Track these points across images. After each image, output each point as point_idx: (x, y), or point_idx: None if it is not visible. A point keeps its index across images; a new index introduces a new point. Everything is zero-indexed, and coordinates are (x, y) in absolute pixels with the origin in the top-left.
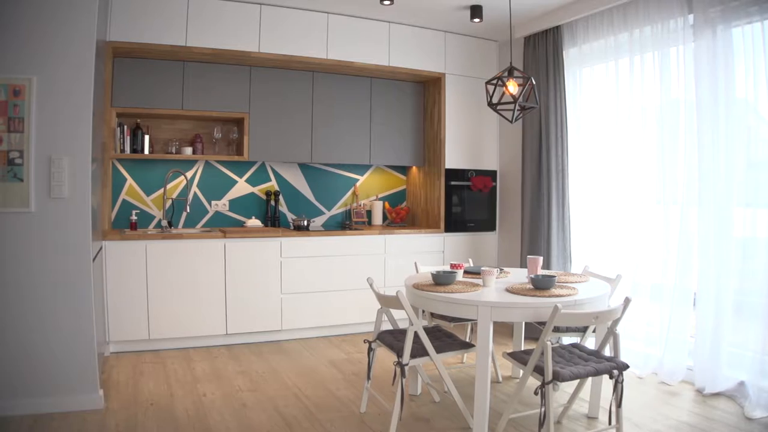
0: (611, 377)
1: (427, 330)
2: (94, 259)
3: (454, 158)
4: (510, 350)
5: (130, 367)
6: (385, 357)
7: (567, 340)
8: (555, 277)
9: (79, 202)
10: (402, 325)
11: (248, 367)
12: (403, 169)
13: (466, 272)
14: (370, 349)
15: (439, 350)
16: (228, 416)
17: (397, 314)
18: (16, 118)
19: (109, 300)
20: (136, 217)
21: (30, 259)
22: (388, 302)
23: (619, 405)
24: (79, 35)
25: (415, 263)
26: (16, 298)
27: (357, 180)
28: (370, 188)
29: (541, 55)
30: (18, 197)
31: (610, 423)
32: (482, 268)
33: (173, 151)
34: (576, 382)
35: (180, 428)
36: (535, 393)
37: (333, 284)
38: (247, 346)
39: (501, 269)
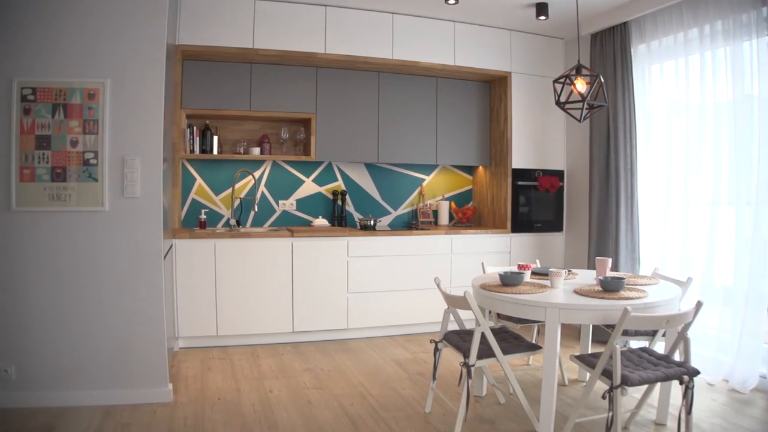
0: (681, 383)
1: (494, 331)
2: (164, 257)
3: (520, 158)
4: (577, 353)
5: (199, 362)
6: (450, 357)
7: (635, 344)
8: (624, 279)
9: (151, 202)
10: (468, 326)
11: (314, 364)
12: (470, 169)
13: (533, 273)
14: (436, 350)
15: (505, 352)
16: (294, 413)
17: (464, 315)
18: (90, 120)
19: (179, 297)
20: (205, 216)
21: (104, 257)
22: (455, 302)
23: (689, 412)
24: (150, 39)
25: (482, 263)
26: (90, 294)
27: (423, 180)
28: (436, 188)
29: (608, 53)
30: (93, 196)
31: (678, 430)
32: (550, 269)
33: (241, 151)
34: (644, 387)
35: (246, 423)
36: (603, 397)
37: (399, 284)
38: (313, 344)
39: (569, 270)
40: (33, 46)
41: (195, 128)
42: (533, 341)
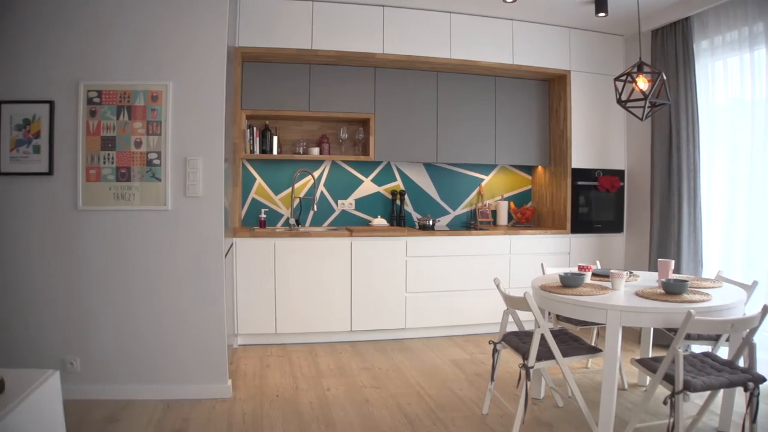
0: (746, 390)
1: (553, 333)
2: (225, 256)
3: (580, 157)
4: (637, 357)
5: (257, 359)
6: (508, 358)
7: (697, 348)
8: (687, 281)
9: (213, 201)
10: (527, 327)
11: (372, 363)
12: (529, 169)
13: (594, 275)
14: (494, 351)
15: (565, 354)
16: (351, 411)
17: (523, 316)
18: (154, 121)
19: (239, 295)
20: (265, 216)
21: (166, 255)
22: (514, 303)
23: (753, 420)
24: (211, 42)
25: (542, 264)
26: (153, 291)
27: (482, 180)
28: (495, 188)
29: (669, 49)
30: (156, 196)
31: None
32: (611, 271)
33: (300, 151)
34: (707, 393)
35: (304, 421)
36: (664, 403)
37: (457, 284)
38: (371, 343)
39: (630, 272)
40: (98, 50)
41: (255, 129)
42: (592, 344)
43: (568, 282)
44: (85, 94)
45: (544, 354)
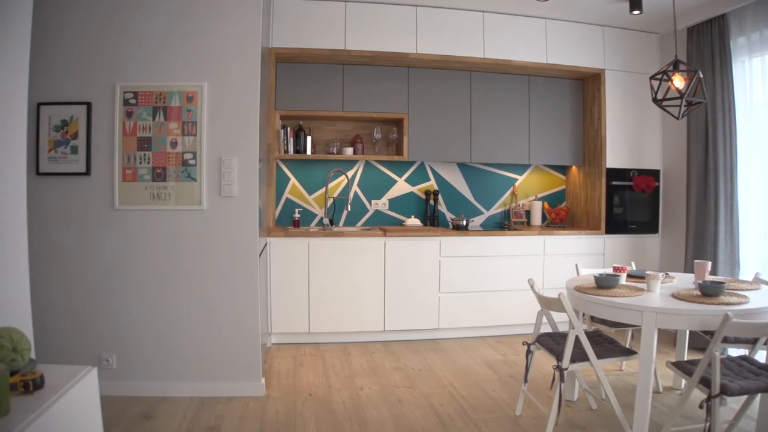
0: None
1: (588, 334)
2: (260, 255)
3: (615, 157)
4: (672, 359)
5: (291, 358)
6: (542, 360)
7: (734, 352)
8: (724, 283)
9: (247, 201)
10: (561, 329)
11: (405, 363)
12: (563, 169)
13: (629, 276)
14: (528, 352)
15: (599, 356)
16: (384, 411)
17: (557, 317)
18: (189, 122)
19: (273, 294)
20: (298, 215)
21: (201, 254)
22: (549, 304)
23: None
24: (245, 43)
25: (576, 265)
26: (188, 289)
27: (516, 180)
28: (529, 188)
29: (705, 46)
30: (191, 196)
31: None
32: (647, 272)
33: (334, 151)
34: (744, 397)
35: (337, 420)
36: (700, 407)
37: (491, 284)
38: (404, 343)
39: (666, 274)
40: (134, 52)
41: (289, 129)
42: (627, 346)
43: (603, 283)
44: (122, 95)
45: (578, 356)
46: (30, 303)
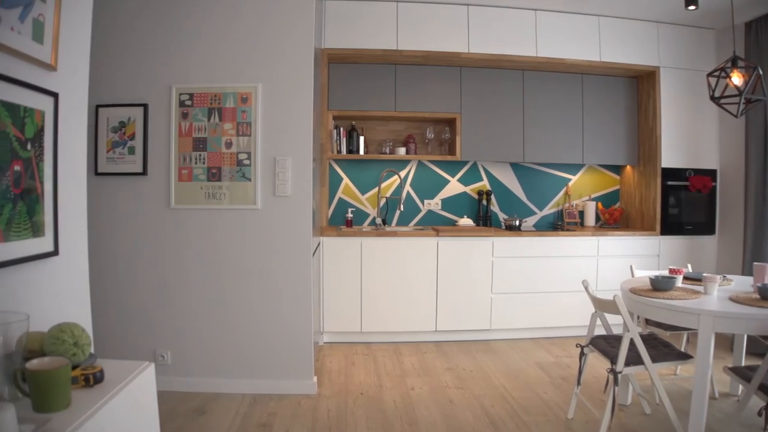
0: None
1: (642, 337)
2: (313, 254)
3: (670, 156)
4: (729, 364)
5: (342, 357)
6: (595, 363)
7: None
8: None
9: (301, 200)
10: (616, 331)
11: (456, 364)
12: (617, 169)
13: (685, 278)
14: (582, 354)
15: (654, 359)
16: (435, 411)
17: (611, 319)
18: (244, 122)
19: (325, 293)
20: (351, 215)
21: (256, 253)
22: (603, 306)
23: None
24: (298, 45)
25: (631, 267)
26: (242, 288)
27: (569, 179)
28: (582, 188)
29: (764, 42)
30: (245, 195)
31: None
32: (704, 275)
33: (387, 151)
34: None
35: (388, 419)
36: (759, 414)
37: (543, 286)
38: (456, 343)
39: (724, 276)
40: (190, 54)
41: (342, 129)
42: (682, 350)
43: (659, 285)
44: (177, 96)
45: (633, 359)
46: (89, 299)
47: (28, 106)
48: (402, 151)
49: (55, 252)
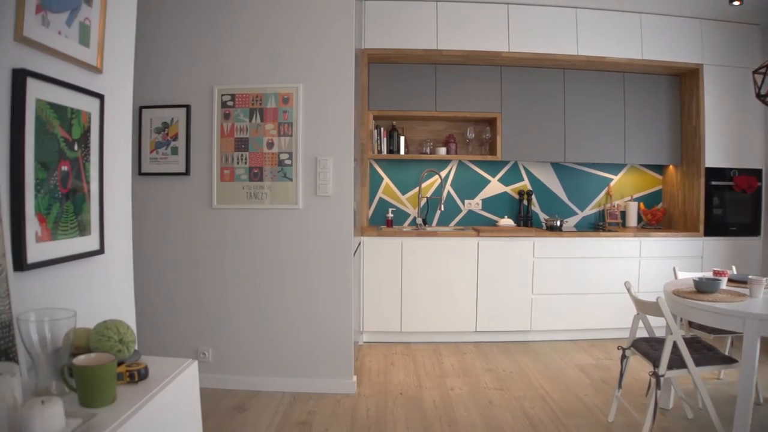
0: None
1: (685, 340)
2: (354, 254)
3: (714, 156)
4: None
5: (382, 357)
6: (636, 365)
7: None
8: None
9: (342, 200)
10: (658, 334)
11: (496, 365)
12: (660, 168)
13: (730, 280)
14: (623, 357)
15: (698, 363)
16: (474, 412)
17: (653, 321)
18: (285, 123)
19: (365, 292)
20: (392, 215)
21: (297, 253)
22: (646, 308)
23: None
24: (338, 45)
25: (674, 268)
26: (283, 287)
27: (611, 179)
28: (624, 188)
29: None
30: (287, 195)
31: None
32: (749, 277)
33: (427, 151)
34: None
35: (427, 419)
36: None
37: (584, 287)
38: (496, 344)
39: None
40: (231, 56)
41: (382, 129)
42: (726, 354)
43: (703, 287)
44: (219, 97)
45: (676, 362)
46: (133, 297)
47: (75, 108)
48: (442, 151)
49: (101, 250)
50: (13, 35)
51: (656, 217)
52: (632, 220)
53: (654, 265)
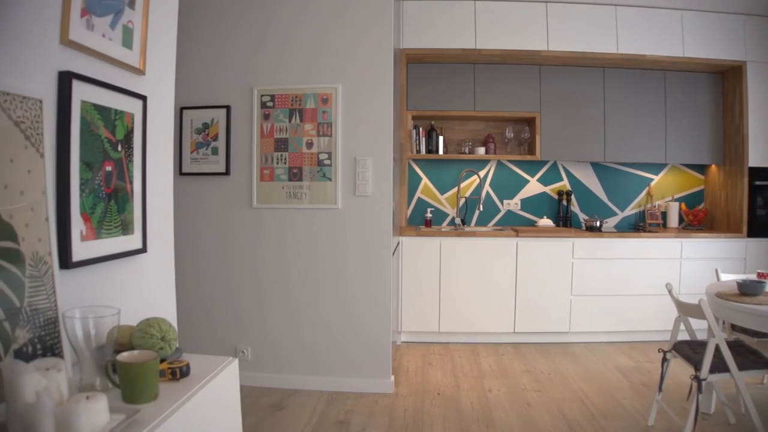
0: None
1: (728, 344)
2: (392, 254)
3: (758, 155)
4: None
5: (419, 357)
6: (677, 369)
7: None
8: None
9: (382, 200)
10: (700, 336)
11: (534, 366)
12: (701, 168)
13: None
14: (664, 360)
15: (741, 367)
16: (512, 413)
17: (695, 324)
18: (324, 123)
19: (403, 292)
20: (430, 215)
21: (336, 252)
22: (687, 310)
23: None
24: (377, 46)
25: (716, 270)
26: (322, 286)
27: (651, 179)
28: (665, 188)
29: None
30: (326, 195)
31: None
32: None
33: (466, 151)
34: None
35: (464, 420)
36: None
37: (624, 288)
38: (534, 345)
39: None
40: (271, 57)
41: (421, 129)
42: None
43: (747, 290)
44: (259, 98)
45: (718, 366)
46: (175, 295)
47: (118, 109)
48: (481, 150)
49: (144, 249)
50: (59, 39)
51: (698, 218)
52: (673, 220)
53: (696, 267)
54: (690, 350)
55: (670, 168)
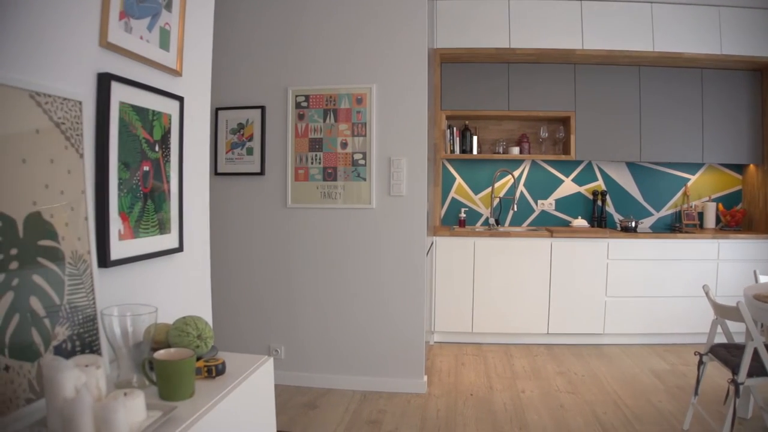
0: None
1: (767, 347)
2: (426, 254)
3: None
4: None
5: (452, 357)
6: (714, 372)
7: None
8: None
9: (416, 200)
10: (737, 339)
11: (567, 368)
12: (739, 168)
13: None
14: (700, 363)
15: None
16: (545, 415)
17: (732, 327)
18: (358, 123)
19: (437, 292)
20: (464, 215)
21: (370, 252)
22: (725, 313)
23: None
24: (411, 46)
25: (755, 272)
26: (356, 286)
27: (688, 179)
28: (702, 188)
29: None
30: (360, 195)
31: None
32: None
33: (500, 151)
34: None
35: (497, 421)
36: None
37: (660, 290)
38: (567, 347)
39: None
40: (305, 57)
41: (455, 129)
42: None
43: None
44: (294, 98)
45: (756, 370)
46: (210, 294)
47: (156, 110)
48: (515, 150)
49: (180, 248)
50: (98, 41)
51: (735, 219)
52: (710, 221)
53: (733, 268)
54: (727, 353)
55: (707, 168)
